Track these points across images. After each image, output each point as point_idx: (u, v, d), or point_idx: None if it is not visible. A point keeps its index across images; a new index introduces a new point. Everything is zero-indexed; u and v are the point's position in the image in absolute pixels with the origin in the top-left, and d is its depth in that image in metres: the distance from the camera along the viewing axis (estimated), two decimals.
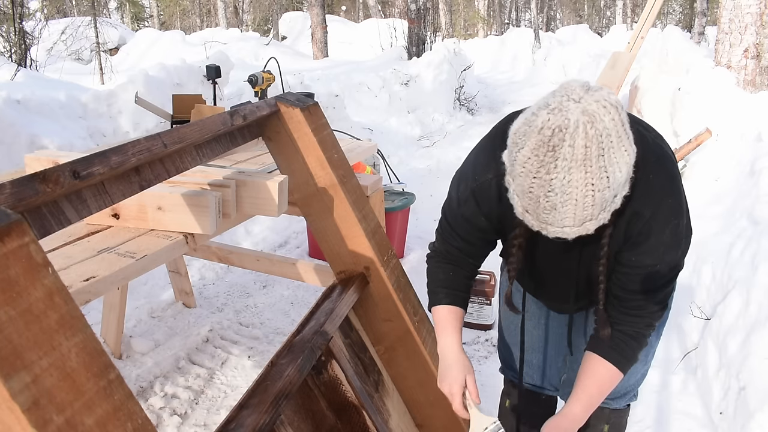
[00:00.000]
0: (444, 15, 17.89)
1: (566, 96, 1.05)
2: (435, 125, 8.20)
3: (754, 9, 4.55)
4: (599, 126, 1.03)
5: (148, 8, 22.01)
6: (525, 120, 1.09)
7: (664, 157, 1.29)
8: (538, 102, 1.10)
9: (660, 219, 1.24)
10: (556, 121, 1.03)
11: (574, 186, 1.04)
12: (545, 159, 1.04)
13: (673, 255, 1.29)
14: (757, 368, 2.30)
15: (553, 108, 1.04)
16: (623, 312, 1.36)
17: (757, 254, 2.81)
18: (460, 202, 1.43)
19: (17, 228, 0.83)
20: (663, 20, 20.90)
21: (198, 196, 1.67)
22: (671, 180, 1.27)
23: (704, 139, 4.17)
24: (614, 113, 1.04)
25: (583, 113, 1.03)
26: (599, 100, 1.04)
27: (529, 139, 1.05)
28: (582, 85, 1.07)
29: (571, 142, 1.02)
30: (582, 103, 1.04)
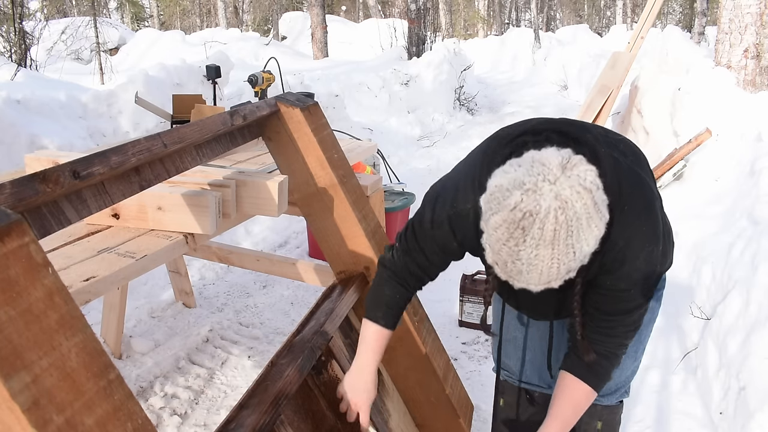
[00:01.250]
0: (444, 15, 17.90)
1: (542, 176, 1.06)
2: (435, 125, 8.20)
3: (754, 9, 4.55)
4: (570, 212, 1.05)
5: (148, 8, 22.01)
6: (501, 185, 1.09)
7: (640, 184, 1.32)
8: (517, 171, 1.09)
9: (634, 247, 1.27)
10: (528, 205, 1.05)
11: (541, 259, 1.07)
12: (514, 234, 1.06)
13: (648, 280, 1.33)
14: (757, 368, 2.30)
15: (527, 189, 1.06)
16: (596, 332, 1.38)
17: (757, 254, 2.81)
18: (433, 224, 1.43)
19: (17, 228, 0.83)
20: (663, 20, 20.89)
21: (198, 196, 1.67)
22: (646, 208, 1.30)
23: (704, 139, 4.17)
24: (587, 197, 1.06)
25: (555, 198, 1.04)
26: (573, 185, 1.05)
27: (502, 211, 1.07)
28: (561, 161, 1.08)
29: (540, 226, 1.04)
30: (556, 185, 1.05)
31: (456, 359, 2.88)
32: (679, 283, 3.26)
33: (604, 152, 1.27)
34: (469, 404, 2.23)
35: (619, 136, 1.44)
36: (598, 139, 1.33)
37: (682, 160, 4.28)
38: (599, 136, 1.36)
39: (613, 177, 1.21)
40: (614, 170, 1.23)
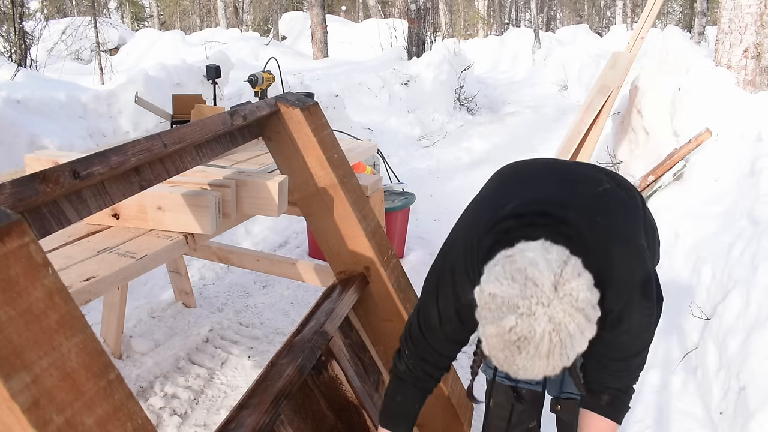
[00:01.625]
0: (444, 15, 17.89)
1: (536, 298, 1.08)
2: (435, 125, 8.20)
3: (754, 9, 4.55)
4: (563, 333, 1.08)
5: (148, 8, 22.01)
6: (494, 295, 1.11)
7: (627, 246, 1.34)
8: (511, 289, 1.10)
9: (631, 309, 1.31)
10: (523, 330, 1.08)
11: (536, 367, 1.11)
12: (510, 348, 1.10)
13: (647, 330, 1.37)
14: (757, 368, 2.30)
15: (521, 313, 1.08)
16: (608, 374, 1.42)
17: (757, 254, 2.81)
18: (442, 321, 1.43)
19: (17, 228, 0.83)
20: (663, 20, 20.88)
21: (198, 196, 1.67)
22: (636, 270, 1.32)
23: (704, 139, 4.17)
24: (579, 318, 1.09)
25: (549, 321, 1.07)
26: (566, 308, 1.08)
27: (496, 326, 1.10)
28: (554, 280, 1.09)
29: (535, 346, 1.08)
30: (550, 308, 1.08)
31: (456, 359, 2.88)
32: (679, 283, 3.26)
33: (588, 228, 1.29)
34: (469, 404, 2.23)
35: (601, 187, 1.43)
36: (581, 210, 1.33)
37: (682, 160, 4.27)
38: (582, 201, 1.36)
39: (601, 254, 1.25)
40: (601, 246, 1.27)
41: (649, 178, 4.35)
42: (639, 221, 1.45)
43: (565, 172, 1.53)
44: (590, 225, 1.29)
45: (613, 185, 1.49)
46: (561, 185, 1.43)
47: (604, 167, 1.74)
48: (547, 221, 1.29)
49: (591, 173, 1.52)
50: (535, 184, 1.47)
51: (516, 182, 1.53)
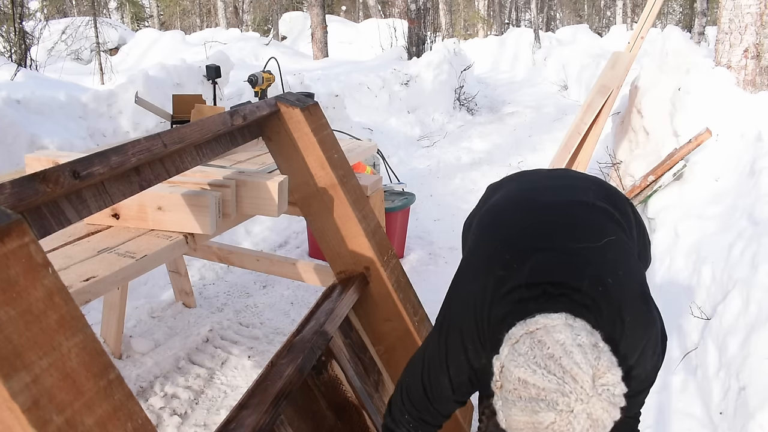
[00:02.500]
0: (444, 15, 17.88)
1: (575, 395, 1.07)
2: (435, 125, 8.20)
3: (754, 9, 4.55)
4: (599, 428, 1.08)
5: (148, 8, 22.01)
6: (527, 383, 1.09)
7: (638, 303, 1.34)
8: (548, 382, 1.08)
9: (641, 360, 1.32)
10: (562, 427, 1.07)
11: None
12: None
13: (654, 372, 1.39)
14: (757, 368, 2.30)
15: (560, 410, 1.07)
16: None
17: (757, 254, 2.81)
18: (454, 389, 1.41)
19: (17, 228, 0.83)
20: (663, 20, 20.89)
21: (198, 196, 1.67)
22: (648, 326, 1.33)
23: (704, 139, 4.17)
24: (615, 412, 1.09)
25: (588, 418, 1.07)
26: (604, 405, 1.08)
27: (530, 416, 1.09)
28: (593, 375, 1.08)
29: None
30: (589, 406, 1.07)
31: None
32: (679, 283, 3.26)
33: (601, 295, 1.28)
34: (469, 404, 2.23)
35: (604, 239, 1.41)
36: (592, 275, 1.31)
37: (682, 160, 4.27)
38: (591, 261, 1.35)
39: (615, 319, 1.26)
40: (614, 311, 1.27)
41: (649, 178, 4.34)
42: (638, 262, 1.46)
43: (568, 218, 1.48)
44: (603, 291, 1.28)
45: (613, 224, 1.47)
46: (566, 239, 1.39)
47: (593, 177, 1.73)
48: (562, 291, 1.26)
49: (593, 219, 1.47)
50: (541, 237, 1.42)
51: (518, 230, 1.47)
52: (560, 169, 1.93)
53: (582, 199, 1.54)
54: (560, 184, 1.66)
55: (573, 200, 1.54)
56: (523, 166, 6.17)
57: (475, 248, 1.54)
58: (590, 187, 1.61)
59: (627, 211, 1.60)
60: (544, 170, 1.91)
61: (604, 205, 1.53)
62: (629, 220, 1.57)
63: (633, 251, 1.48)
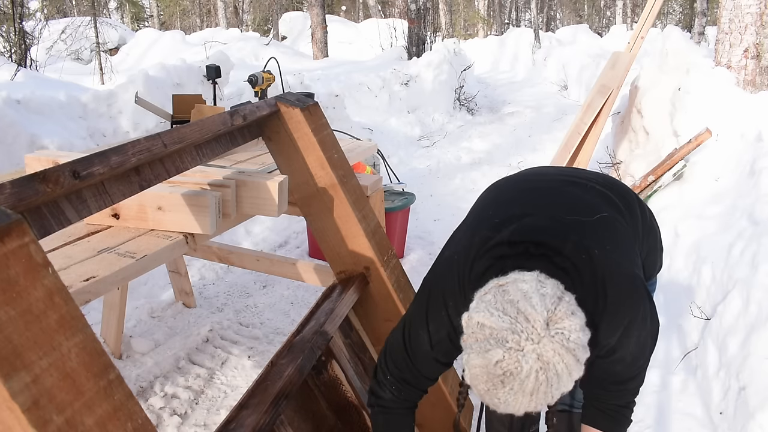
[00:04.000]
0: (444, 15, 17.88)
1: (526, 334, 1.05)
2: (435, 125, 8.20)
3: (754, 9, 4.55)
4: (551, 372, 1.06)
5: (148, 8, 22.01)
6: (483, 326, 1.09)
7: (622, 278, 1.31)
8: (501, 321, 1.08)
9: (624, 341, 1.30)
10: (510, 365, 1.05)
11: (518, 403, 1.08)
12: (494, 381, 1.07)
13: (641, 358, 1.36)
14: (757, 368, 2.30)
15: (509, 347, 1.05)
16: (608, 393, 1.43)
17: (757, 254, 2.81)
18: (433, 344, 1.39)
19: (17, 228, 0.83)
20: (663, 20, 20.89)
21: (198, 196, 1.67)
22: (633, 304, 1.31)
23: (704, 139, 4.17)
24: (568, 358, 1.06)
25: (537, 359, 1.05)
26: (556, 348, 1.05)
27: (482, 358, 1.07)
28: (546, 317, 1.07)
29: (520, 383, 1.05)
30: (540, 346, 1.05)
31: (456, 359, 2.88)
32: (679, 283, 3.26)
33: (585, 263, 1.27)
34: (470, 404, 2.23)
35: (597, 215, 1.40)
36: (578, 241, 1.30)
37: (682, 160, 4.27)
38: (579, 232, 1.33)
39: (597, 290, 1.24)
40: (597, 282, 1.25)
41: (649, 178, 4.34)
42: (634, 246, 1.44)
43: (562, 194, 1.49)
44: (587, 259, 1.27)
45: (611, 208, 1.46)
46: (558, 210, 1.40)
47: (599, 173, 1.73)
48: (543, 252, 1.26)
49: (588, 197, 1.48)
50: (532, 205, 1.43)
51: (511, 201, 1.49)
52: (572, 167, 1.94)
53: (580, 182, 1.54)
54: (565, 172, 1.66)
55: (570, 181, 1.54)
56: (523, 166, 6.17)
57: (468, 217, 1.54)
58: (596, 178, 1.61)
59: (633, 206, 1.57)
60: (555, 166, 1.91)
61: (604, 191, 1.52)
62: (633, 214, 1.55)
63: (629, 235, 1.45)
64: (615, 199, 1.51)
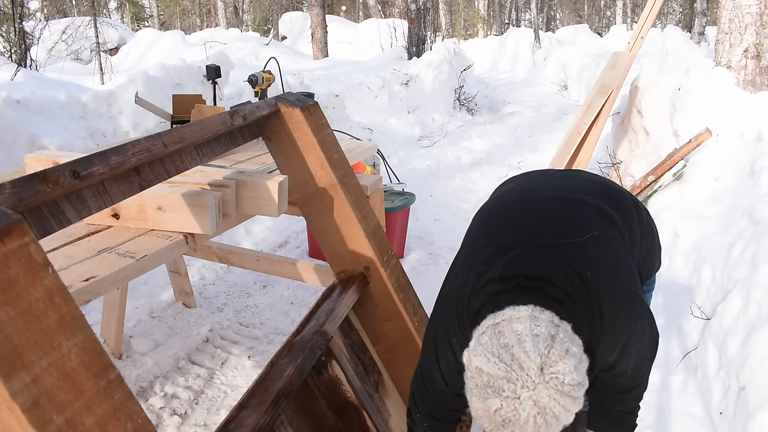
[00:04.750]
0: (444, 15, 17.88)
1: (521, 382, 1.08)
2: (435, 125, 8.20)
3: (754, 9, 4.55)
4: (548, 416, 1.09)
5: (148, 8, 22.00)
6: (481, 372, 1.12)
7: (617, 297, 1.32)
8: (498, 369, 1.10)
9: (624, 357, 1.32)
10: (508, 413, 1.09)
11: None
12: (496, 424, 1.12)
13: (642, 368, 1.38)
14: (757, 368, 2.30)
15: (506, 396, 1.09)
16: (612, 399, 1.45)
17: (757, 254, 2.81)
18: (447, 382, 1.43)
19: (17, 228, 0.83)
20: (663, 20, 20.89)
21: (198, 196, 1.67)
22: (629, 321, 1.32)
23: (704, 139, 4.17)
24: (564, 401, 1.09)
25: (534, 405, 1.08)
26: (551, 393, 1.08)
27: (482, 404, 1.12)
28: (538, 365, 1.09)
29: (520, 428, 1.09)
30: (535, 393, 1.08)
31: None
32: (679, 283, 3.26)
33: (578, 289, 1.28)
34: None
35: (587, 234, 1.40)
36: (568, 269, 1.31)
37: (682, 160, 4.27)
38: (570, 256, 1.34)
39: (592, 313, 1.26)
40: (592, 305, 1.27)
41: (649, 178, 4.34)
42: (629, 260, 1.45)
43: (553, 213, 1.49)
44: (579, 284, 1.28)
45: (604, 222, 1.47)
46: (548, 233, 1.40)
47: (594, 176, 1.73)
48: (536, 285, 1.28)
49: (579, 214, 1.48)
50: (522, 231, 1.44)
51: (502, 229, 1.49)
52: (570, 170, 1.94)
53: (571, 196, 1.55)
54: (559, 184, 1.66)
55: (561, 197, 1.55)
56: (523, 166, 6.17)
57: (463, 246, 1.56)
58: (589, 187, 1.61)
59: (629, 210, 1.58)
60: (553, 171, 1.92)
61: (597, 203, 1.53)
62: (629, 219, 1.57)
63: (623, 248, 1.46)
64: (609, 209, 1.52)
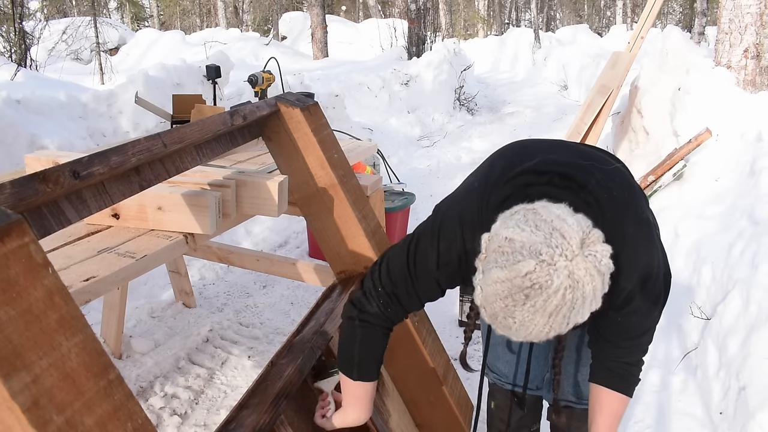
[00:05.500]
0: (444, 15, 17.89)
1: (560, 249, 1.03)
2: (435, 125, 8.20)
3: (754, 9, 4.55)
4: (578, 293, 1.03)
5: (148, 8, 22.01)
6: (513, 241, 1.05)
7: (640, 221, 1.31)
8: (534, 236, 1.04)
9: (643, 287, 1.29)
10: (540, 277, 1.02)
11: (534, 324, 1.05)
12: (516, 296, 1.04)
13: (656, 305, 1.36)
14: (757, 368, 2.30)
15: (542, 260, 1.02)
16: (618, 350, 1.41)
17: (757, 254, 2.81)
18: (440, 264, 1.36)
19: (17, 228, 0.83)
20: (663, 20, 20.90)
21: (198, 196, 1.67)
22: (648, 245, 1.31)
23: (704, 139, 4.17)
24: (598, 281, 1.05)
25: (569, 276, 1.02)
26: (588, 267, 1.03)
27: (509, 270, 1.04)
28: (581, 238, 1.05)
29: (545, 298, 1.02)
30: (573, 264, 1.03)
31: (456, 359, 2.88)
32: (679, 283, 3.26)
33: (607, 201, 1.25)
34: (469, 404, 2.23)
35: (612, 165, 1.41)
36: (600, 181, 1.30)
37: (682, 160, 4.27)
38: (599, 173, 1.33)
39: (617, 230, 1.21)
40: (617, 221, 1.24)
41: (649, 178, 4.35)
42: (647, 203, 1.43)
43: (576, 146, 1.50)
44: (609, 198, 1.26)
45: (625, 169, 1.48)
46: (576, 156, 1.39)
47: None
48: (569, 184, 1.24)
49: (603, 155, 1.49)
50: (553, 150, 1.42)
51: (532, 145, 1.48)
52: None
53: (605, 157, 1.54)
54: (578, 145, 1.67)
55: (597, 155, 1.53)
56: None
57: (485, 160, 1.52)
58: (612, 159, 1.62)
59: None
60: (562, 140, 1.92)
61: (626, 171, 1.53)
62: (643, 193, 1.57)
63: (644, 198, 1.44)
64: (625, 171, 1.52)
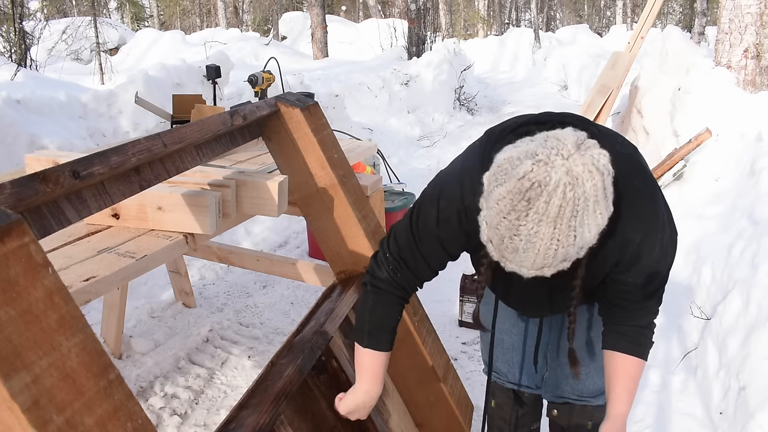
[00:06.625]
0: (444, 15, 17.89)
1: (556, 149, 1.04)
2: (435, 125, 8.20)
3: (754, 9, 4.55)
4: (579, 190, 1.03)
5: (148, 8, 22.01)
6: (511, 157, 1.07)
7: (645, 176, 1.33)
8: (530, 144, 1.07)
9: (649, 241, 1.29)
10: (538, 175, 1.02)
11: (540, 237, 1.04)
12: (518, 206, 1.04)
13: (664, 264, 1.35)
14: (757, 368, 2.30)
15: (539, 159, 1.03)
16: (630, 311, 1.41)
17: (757, 254, 2.81)
18: (440, 221, 1.37)
19: (17, 228, 0.83)
20: (663, 20, 20.90)
21: (198, 196, 1.67)
22: (653, 199, 1.32)
23: (704, 139, 4.17)
24: (598, 179, 1.04)
25: (567, 173, 1.02)
26: (586, 164, 1.03)
27: (509, 181, 1.05)
28: (576, 140, 1.06)
29: (546, 199, 1.02)
30: (569, 161, 1.03)
31: (456, 359, 2.88)
32: (679, 283, 3.26)
33: (610, 147, 1.24)
34: (469, 404, 2.23)
35: (614, 132, 1.43)
36: (601, 130, 1.32)
37: (682, 160, 4.27)
38: (600, 129, 1.35)
39: (622, 170, 1.19)
40: (624, 166, 1.22)
41: None
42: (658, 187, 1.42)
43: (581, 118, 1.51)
44: (611, 146, 1.23)
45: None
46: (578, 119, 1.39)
47: None
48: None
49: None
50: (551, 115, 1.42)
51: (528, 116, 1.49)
52: None
53: None
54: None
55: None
56: None
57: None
58: None
59: None
60: None
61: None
62: None
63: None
64: None
